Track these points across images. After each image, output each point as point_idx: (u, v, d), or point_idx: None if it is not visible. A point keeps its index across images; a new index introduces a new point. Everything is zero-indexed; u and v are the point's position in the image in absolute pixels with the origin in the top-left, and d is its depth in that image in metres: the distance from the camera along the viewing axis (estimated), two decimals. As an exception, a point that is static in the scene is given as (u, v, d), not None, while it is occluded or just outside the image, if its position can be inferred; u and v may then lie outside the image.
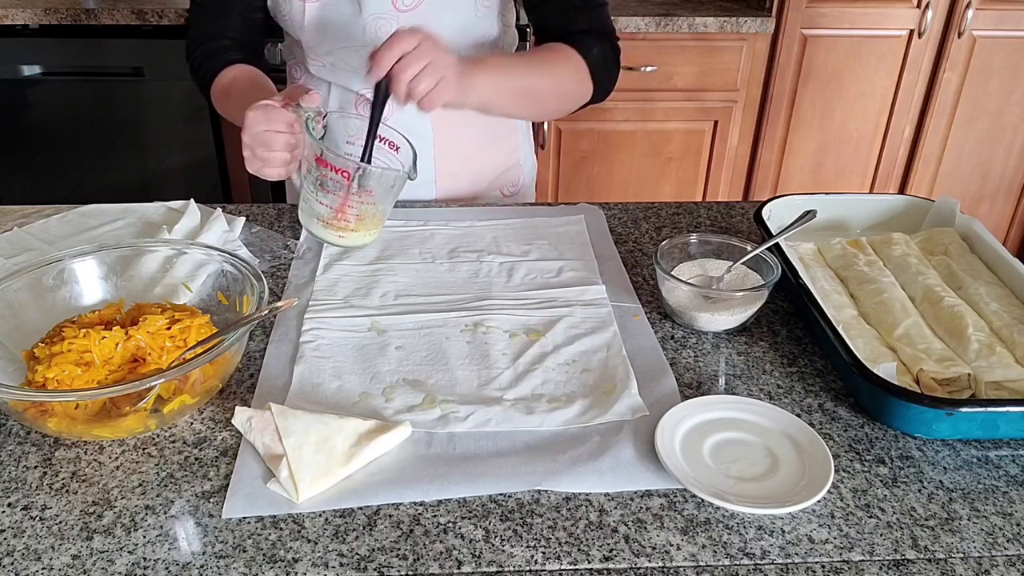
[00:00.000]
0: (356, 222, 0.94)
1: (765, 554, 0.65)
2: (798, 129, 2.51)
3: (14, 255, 1.04)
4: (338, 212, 0.93)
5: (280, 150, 0.93)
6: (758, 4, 2.40)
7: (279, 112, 0.92)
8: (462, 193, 1.29)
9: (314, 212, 0.94)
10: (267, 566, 0.63)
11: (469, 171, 1.28)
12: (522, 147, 1.35)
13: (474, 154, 1.27)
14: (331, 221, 0.94)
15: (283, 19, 1.15)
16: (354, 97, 1.19)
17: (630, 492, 0.71)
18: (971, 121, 2.52)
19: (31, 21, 2.25)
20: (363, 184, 0.91)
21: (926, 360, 0.82)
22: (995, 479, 0.73)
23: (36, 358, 0.76)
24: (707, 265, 0.98)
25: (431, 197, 1.27)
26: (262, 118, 0.92)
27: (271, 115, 0.92)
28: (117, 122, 2.45)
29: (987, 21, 2.37)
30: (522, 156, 1.36)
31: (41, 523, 0.67)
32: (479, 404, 0.80)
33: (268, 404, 0.76)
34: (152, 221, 1.12)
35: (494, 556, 0.65)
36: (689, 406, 0.78)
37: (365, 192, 0.92)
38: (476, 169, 1.28)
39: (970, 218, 1.05)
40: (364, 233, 0.98)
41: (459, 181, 1.28)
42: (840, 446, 0.76)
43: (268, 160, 0.93)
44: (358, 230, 0.95)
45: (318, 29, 1.13)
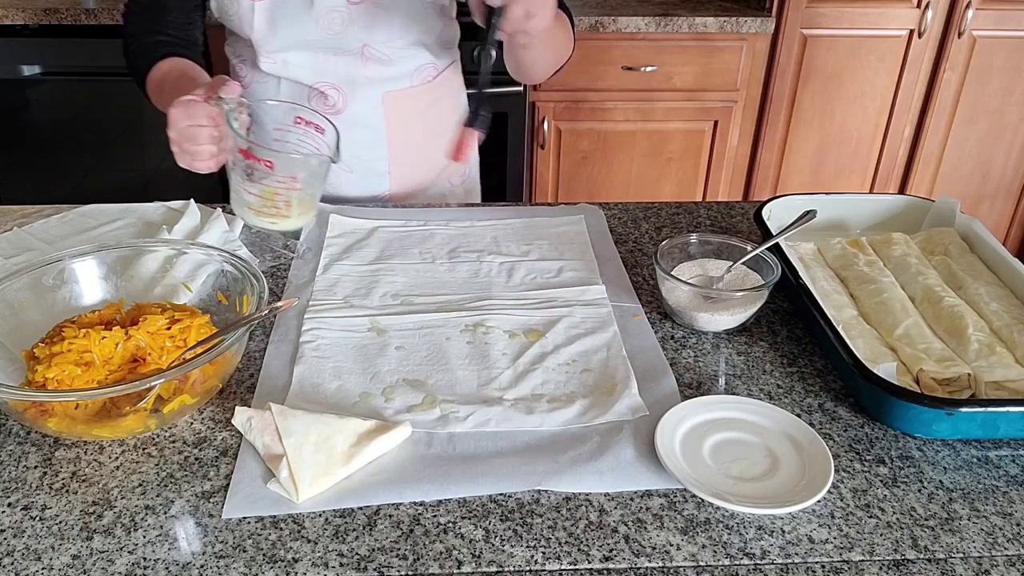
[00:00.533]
0: (286, 208, 0.94)
1: (765, 554, 0.65)
2: (798, 129, 2.51)
3: (14, 255, 1.04)
4: (267, 200, 0.93)
5: (205, 144, 0.92)
6: (758, 4, 2.40)
7: (200, 106, 0.92)
8: (415, 183, 1.29)
9: (244, 201, 0.94)
10: (267, 566, 0.63)
11: (421, 161, 1.28)
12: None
13: (425, 144, 1.27)
14: (261, 209, 0.94)
15: (230, 19, 1.14)
16: (306, 91, 1.18)
17: (630, 492, 0.71)
18: (971, 121, 2.52)
19: (31, 21, 2.25)
20: (288, 171, 0.91)
21: (926, 360, 0.82)
22: (995, 479, 0.73)
23: (36, 358, 0.76)
24: (707, 265, 0.98)
25: (384, 188, 1.27)
26: (184, 114, 0.92)
27: (192, 110, 0.92)
28: (117, 122, 2.45)
29: (987, 21, 2.37)
30: None
31: (41, 523, 0.67)
32: (479, 404, 0.80)
33: (268, 404, 0.76)
34: (152, 221, 1.12)
35: (494, 556, 0.65)
36: (689, 406, 0.78)
37: (290, 179, 0.92)
38: (427, 160, 1.28)
39: (970, 218, 1.05)
40: (296, 218, 0.97)
41: (412, 171, 1.28)
42: (840, 446, 0.76)
43: (196, 154, 0.93)
44: (289, 216, 0.95)
45: (269, 26, 1.12)
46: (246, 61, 1.21)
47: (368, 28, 1.12)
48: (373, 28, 1.13)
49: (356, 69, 1.16)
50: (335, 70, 1.16)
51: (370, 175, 1.25)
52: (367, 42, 1.14)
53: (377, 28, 1.13)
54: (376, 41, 1.14)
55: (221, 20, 1.17)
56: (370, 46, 1.14)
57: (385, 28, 1.13)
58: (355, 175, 1.25)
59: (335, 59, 1.15)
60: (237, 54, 1.23)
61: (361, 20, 1.11)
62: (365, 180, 1.25)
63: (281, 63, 1.16)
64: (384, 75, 1.18)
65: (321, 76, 1.17)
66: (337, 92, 1.17)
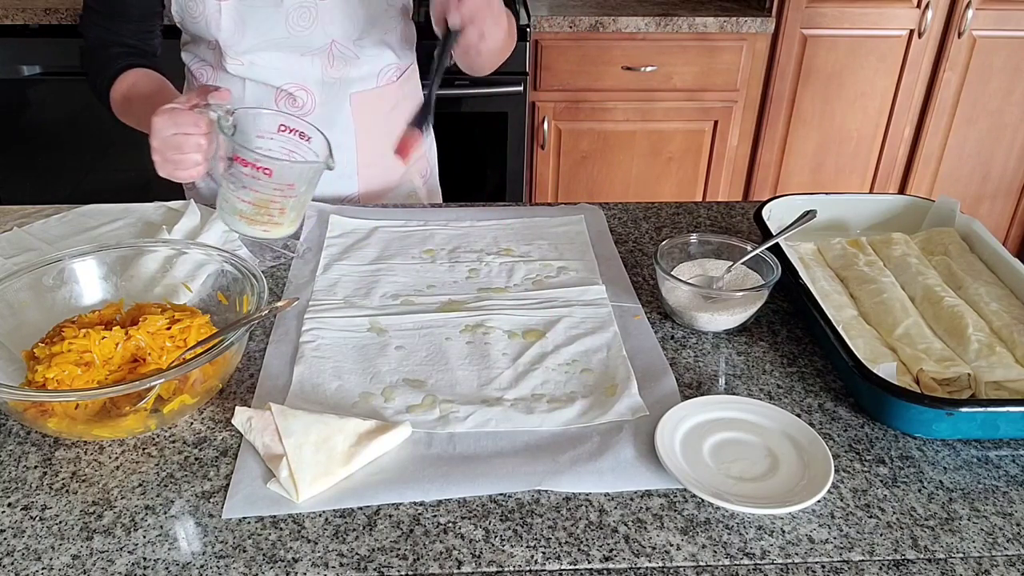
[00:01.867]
0: (280, 215, 0.93)
1: (765, 554, 0.65)
2: (798, 129, 2.51)
3: (14, 255, 1.04)
4: (260, 208, 0.92)
5: (191, 152, 0.91)
6: (758, 4, 2.40)
7: (186, 114, 0.91)
8: (382, 183, 1.30)
9: (235, 209, 0.92)
10: (267, 566, 0.63)
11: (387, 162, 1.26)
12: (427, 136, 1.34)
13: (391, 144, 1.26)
14: (254, 217, 0.93)
15: (195, 21, 1.13)
16: (274, 92, 1.18)
17: (630, 492, 0.71)
18: (971, 121, 2.52)
19: (31, 21, 2.25)
20: (285, 179, 0.91)
21: (926, 360, 0.82)
22: (995, 479, 0.73)
23: (36, 358, 0.76)
24: (707, 265, 0.98)
25: (353, 189, 1.27)
26: (169, 122, 0.90)
27: (178, 118, 0.90)
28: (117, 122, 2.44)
29: (987, 21, 2.37)
30: (427, 146, 1.38)
31: (41, 523, 0.67)
32: (479, 404, 0.80)
33: (268, 404, 0.76)
34: (152, 221, 1.12)
35: (494, 556, 0.65)
36: (689, 406, 0.78)
37: (288, 186, 0.91)
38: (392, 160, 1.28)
39: (970, 218, 1.05)
40: (288, 225, 0.97)
41: (379, 172, 1.28)
42: (840, 446, 0.76)
43: (179, 163, 0.92)
44: (282, 223, 0.95)
45: (236, 27, 1.12)
46: (208, 65, 1.19)
47: (335, 24, 1.13)
48: (340, 24, 1.13)
49: (324, 70, 1.17)
50: (303, 71, 1.16)
51: (339, 177, 1.25)
52: (334, 38, 1.14)
53: (344, 24, 1.13)
54: (342, 37, 1.14)
55: (183, 24, 1.16)
56: (337, 43, 1.14)
57: (351, 25, 1.14)
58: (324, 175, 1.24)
59: (302, 59, 1.15)
60: (198, 58, 1.21)
61: (328, 16, 1.12)
62: (335, 182, 1.25)
63: (248, 64, 1.15)
64: (351, 75, 1.19)
65: (289, 77, 1.16)
66: (306, 93, 1.17)
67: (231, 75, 1.17)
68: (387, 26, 1.18)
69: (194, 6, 1.11)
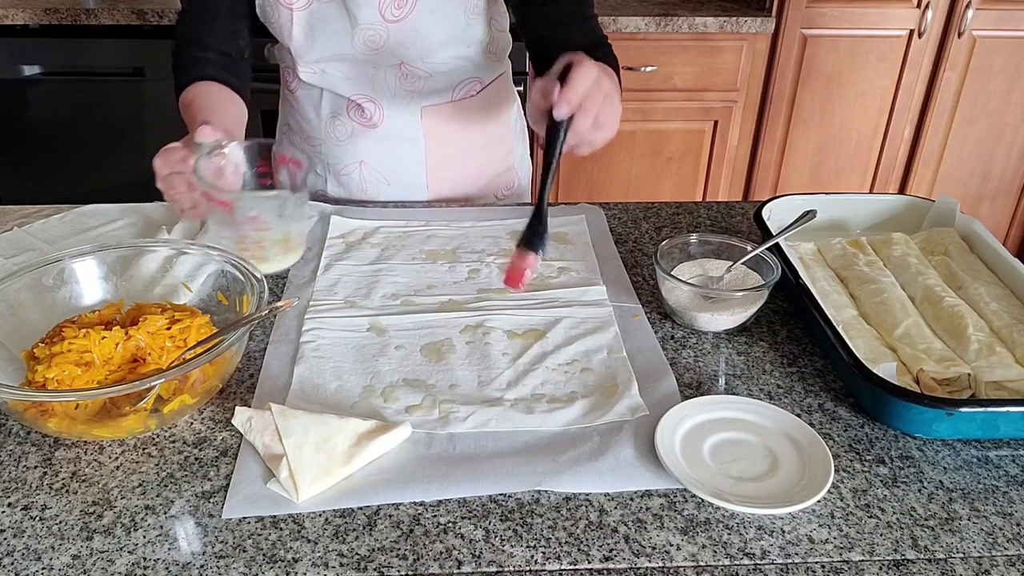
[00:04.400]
0: (259, 249, 0.90)
1: (765, 554, 0.65)
2: (798, 129, 2.51)
3: (14, 255, 1.04)
4: (239, 243, 0.90)
5: (182, 190, 0.89)
6: (758, 4, 2.40)
7: (176, 152, 0.89)
8: (455, 195, 1.28)
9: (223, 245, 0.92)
10: (267, 566, 0.63)
11: (460, 175, 1.27)
12: (516, 151, 1.34)
13: (465, 157, 1.27)
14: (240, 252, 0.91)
15: (272, 26, 1.14)
16: (345, 103, 1.19)
17: (630, 492, 0.71)
18: (971, 121, 2.52)
19: (31, 21, 2.25)
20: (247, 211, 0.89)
21: (926, 360, 0.82)
22: (995, 479, 0.73)
23: (36, 358, 0.76)
24: (707, 265, 0.98)
25: (423, 200, 1.27)
26: (163, 161, 0.89)
27: (169, 157, 0.89)
28: (117, 122, 2.45)
29: (987, 21, 2.37)
30: (517, 160, 1.35)
31: (41, 523, 0.67)
32: (479, 404, 0.80)
33: (268, 404, 0.76)
34: (152, 221, 1.12)
35: (494, 556, 0.65)
36: (689, 406, 0.78)
37: (253, 219, 0.89)
38: (468, 173, 1.28)
39: (970, 218, 1.05)
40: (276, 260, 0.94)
41: (451, 185, 1.27)
42: (840, 446, 0.76)
43: (176, 202, 0.90)
44: (268, 257, 0.91)
45: (307, 38, 1.12)
46: (290, 69, 1.21)
47: (406, 47, 1.11)
48: (411, 46, 1.11)
49: (395, 83, 1.16)
50: (373, 83, 1.16)
51: (408, 188, 1.25)
52: (404, 59, 1.13)
53: (415, 47, 1.11)
54: (413, 58, 1.13)
55: (266, 25, 1.16)
56: (407, 62, 1.13)
57: (423, 47, 1.12)
58: (392, 187, 1.25)
59: (373, 72, 1.14)
60: (283, 61, 1.22)
61: (399, 38, 1.10)
62: (403, 192, 1.25)
63: (320, 73, 1.16)
64: (423, 89, 1.17)
65: (359, 89, 1.16)
66: (374, 105, 1.17)
67: (304, 82, 1.18)
68: (466, 43, 1.16)
69: (271, 11, 1.11)
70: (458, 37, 1.14)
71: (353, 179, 1.25)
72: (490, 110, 1.26)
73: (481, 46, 1.18)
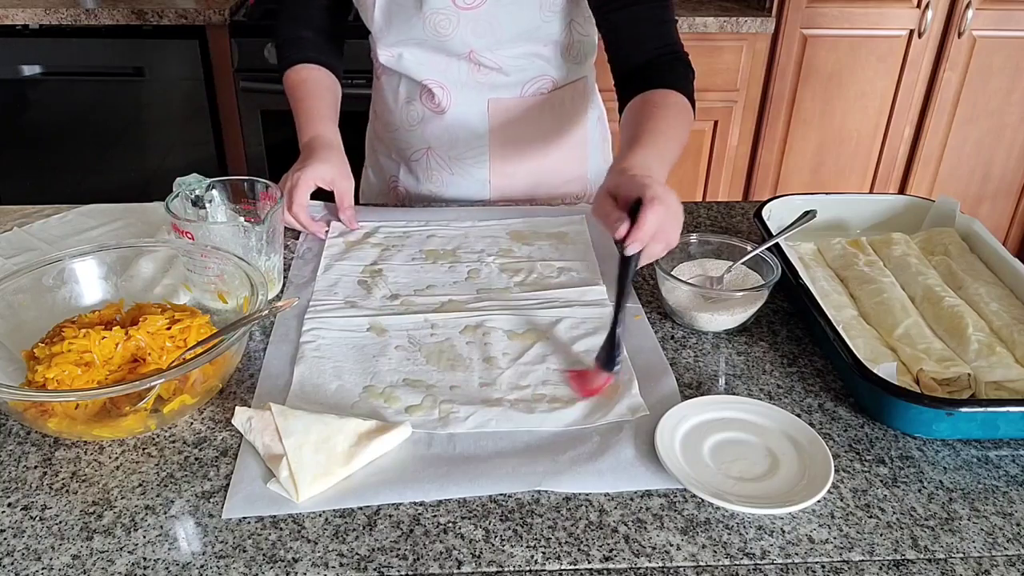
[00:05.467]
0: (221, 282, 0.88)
1: (765, 554, 0.65)
2: (798, 129, 2.51)
3: (14, 255, 1.04)
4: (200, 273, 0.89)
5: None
6: (758, 4, 2.40)
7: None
8: (518, 196, 1.27)
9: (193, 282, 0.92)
10: (267, 566, 0.63)
11: (524, 173, 1.26)
12: (591, 159, 1.31)
13: (533, 156, 1.25)
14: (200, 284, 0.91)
15: (359, 7, 1.17)
16: (419, 88, 1.20)
17: (630, 492, 0.71)
18: (971, 121, 2.52)
19: (31, 21, 2.26)
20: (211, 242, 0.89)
21: (926, 360, 0.82)
22: (995, 479, 0.73)
23: (36, 358, 0.76)
24: (707, 265, 0.98)
25: (485, 196, 1.27)
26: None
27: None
28: (117, 122, 2.45)
29: (987, 21, 2.37)
30: (591, 168, 1.32)
31: (41, 523, 0.67)
32: (479, 405, 0.80)
33: (268, 404, 0.76)
34: (152, 221, 1.12)
35: (494, 556, 0.65)
36: (689, 406, 0.78)
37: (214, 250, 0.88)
38: (534, 172, 1.26)
39: (970, 218, 1.05)
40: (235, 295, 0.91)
41: (513, 183, 1.26)
42: (840, 446, 0.76)
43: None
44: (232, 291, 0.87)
45: (385, 21, 1.14)
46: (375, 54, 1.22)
47: (476, 35, 1.11)
48: (481, 36, 1.11)
49: (466, 72, 1.16)
50: (445, 69, 1.16)
51: (470, 180, 1.25)
52: (473, 48, 1.13)
53: (485, 36, 1.11)
54: (482, 48, 1.13)
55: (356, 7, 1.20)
56: (476, 52, 1.13)
57: (493, 37, 1.12)
58: (456, 176, 1.25)
59: (446, 59, 1.15)
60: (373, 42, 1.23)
61: (469, 26, 1.10)
62: (465, 183, 1.25)
63: (396, 56, 1.17)
64: (493, 81, 1.17)
65: (430, 74, 1.17)
66: (442, 90, 1.18)
67: (386, 68, 1.21)
68: (541, 40, 1.15)
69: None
70: (532, 33, 1.13)
71: (421, 165, 1.26)
72: (563, 113, 1.24)
73: (557, 46, 1.17)
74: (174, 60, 2.30)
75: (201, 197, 0.97)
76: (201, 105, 2.38)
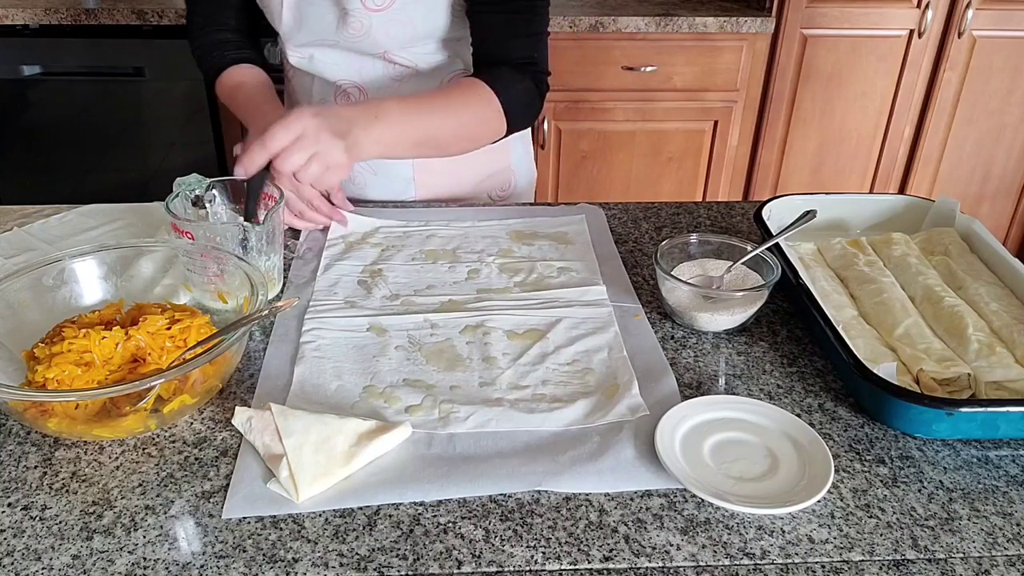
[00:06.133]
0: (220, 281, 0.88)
1: (765, 554, 0.65)
2: (798, 129, 2.51)
3: (14, 255, 1.04)
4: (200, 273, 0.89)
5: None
6: (758, 4, 2.40)
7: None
8: (443, 193, 1.27)
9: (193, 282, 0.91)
10: (267, 566, 0.63)
11: (449, 170, 1.25)
12: (514, 150, 1.32)
13: None
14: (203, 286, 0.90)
15: (265, 11, 1.16)
16: (333, 88, 1.19)
17: (630, 492, 0.71)
18: (971, 121, 2.53)
19: (31, 21, 2.26)
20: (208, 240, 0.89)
21: (926, 360, 0.82)
22: (995, 479, 0.73)
23: (36, 358, 0.76)
24: (707, 265, 0.98)
25: (410, 194, 1.26)
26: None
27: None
28: (117, 122, 2.45)
29: (987, 21, 2.37)
30: (514, 160, 1.33)
31: (41, 523, 0.67)
32: (480, 404, 0.80)
33: (268, 404, 0.76)
34: (152, 221, 1.12)
35: (494, 556, 0.65)
36: (689, 406, 0.78)
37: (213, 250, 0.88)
38: (457, 170, 1.26)
39: (970, 218, 1.05)
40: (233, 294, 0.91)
41: (438, 180, 1.26)
42: (840, 446, 0.76)
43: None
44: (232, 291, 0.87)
45: (295, 22, 1.13)
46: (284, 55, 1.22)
47: (388, 36, 1.11)
48: (394, 36, 1.11)
49: (381, 71, 1.16)
50: (360, 70, 1.16)
51: (394, 179, 1.24)
52: (388, 49, 1.13)
53: (399, 37, 1.11)
54: (396, 48, 1.13)
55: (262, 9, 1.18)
56: (390, 52, 1.13)
57: (406, 38, 1.12)
58: (378, 177, 1.24)
59: (360, 59, 1.15)
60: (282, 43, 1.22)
61: (382, 28, 1.10)
62: (389, 184, 1.25)
63: (308, 58, 1.16)
64: (408, 80, 1.17)
65: (345, 75, 1.16)
66: (359, 91, 1.17)
67: (295, 67, 1.19)
68: (453, 35, 1.15)
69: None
70: (443, 29, 1.13)
71: None
72: None
73: (466, 39, 1.17)
74: (174, 60, 2.30)
75: (201, 197, 0.97)
76: (201, 105, 2.38)
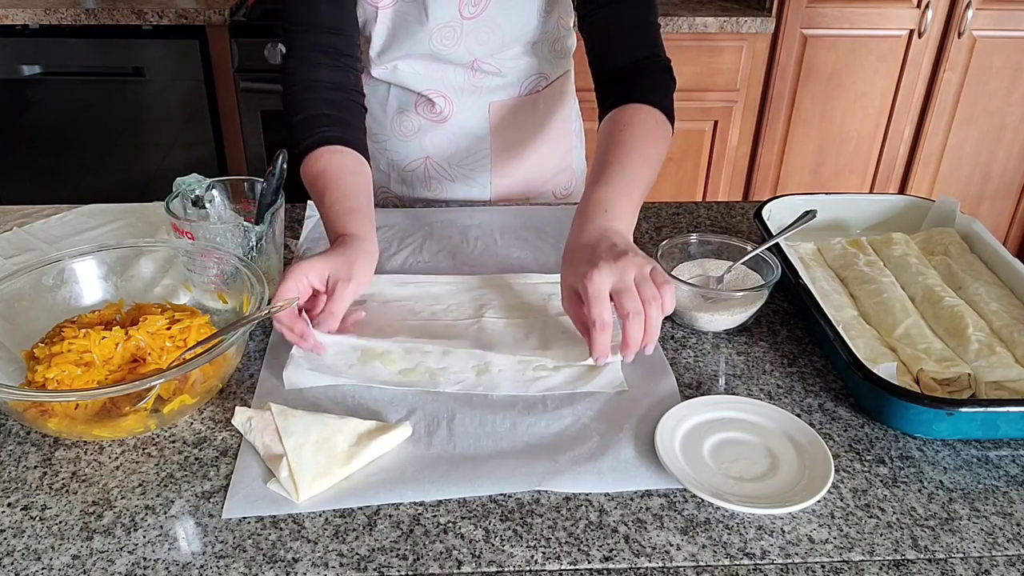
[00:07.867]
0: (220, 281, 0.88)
1: (765, 554, 0.65)
2: (798, 129, 2.51)
3: (14, 255, 1.04)
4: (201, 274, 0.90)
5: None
6: (758, 4, 2.40)
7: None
8: (516, 193, 1.28)
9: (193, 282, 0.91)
10: (267, 566, 0.63)
11: (523, 171, 1.27)
12: (575, 149, 1.34)
13: (529, 154, 1.27)
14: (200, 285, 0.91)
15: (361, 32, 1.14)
16: (414, 98, 1.19)
17: (630, 492, 0.71)
18: (971, 121, 2.52)
19: (31, 21, 2.25)
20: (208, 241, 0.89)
21: (926, 360, 0.82)
22: (995, 479, 0.73)
23: (36, 358, 0.76)
24: (707, 265, 0.98)
25: (486, 198, 1.27)
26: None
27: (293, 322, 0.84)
28: (117, 122, 2.45)
29: (987, 21, 2.37)
30: (575, 158, 1.34)
31: (41, 523, 0.67)
32: (470, 372, 0.84)
33: (268, 404, 0.76)
34: (152, 221, 1.12)
35: (494, 556, 0.65)
36: (689, 406, 0.78)
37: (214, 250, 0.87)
38: (530, 169, 1.28)
39: (970, 218, 1.05)
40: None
41: (513, 182, 1.27)
42: (840, 446, 0.76)
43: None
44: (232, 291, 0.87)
45: (388, 35, 1.13)
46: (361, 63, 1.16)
47: (479, 42, 1.12)
48: (484, 43, 1.12)
49: (466, 79, 1.16)
50: (444, 79, 1.16)
51: (471, 184, 1.25)
52: (478, 56, 1.13)
53: (489, 43, 1.12)
54: (485, 55, 1.13)
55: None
56: (480, 60, 1.14)
57: (497, 43, 1.12)
58: (456, 183, 1.25)
59: (445, 68, 1.15)
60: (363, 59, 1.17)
61: (473, 35, 1.11)
62: (466, 188, 1.26)
63: (391, 70, 1.16)
64: (493, 85, 1.18)
65: (430, 84, 1.16)
66: (444, 100, 1.18)
67: (374, 78, 1.18)
68: (536, 40, 1.16)
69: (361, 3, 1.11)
70: (530, 33, 1.14)
71: (418, 175, 1.25)
72: (553, 107, 1.26)
73: (547, 42, 1.18)
74: (174, 60, 2.30)
75: (201, 197, 0.97)
76: (201, 105, 2.38)
